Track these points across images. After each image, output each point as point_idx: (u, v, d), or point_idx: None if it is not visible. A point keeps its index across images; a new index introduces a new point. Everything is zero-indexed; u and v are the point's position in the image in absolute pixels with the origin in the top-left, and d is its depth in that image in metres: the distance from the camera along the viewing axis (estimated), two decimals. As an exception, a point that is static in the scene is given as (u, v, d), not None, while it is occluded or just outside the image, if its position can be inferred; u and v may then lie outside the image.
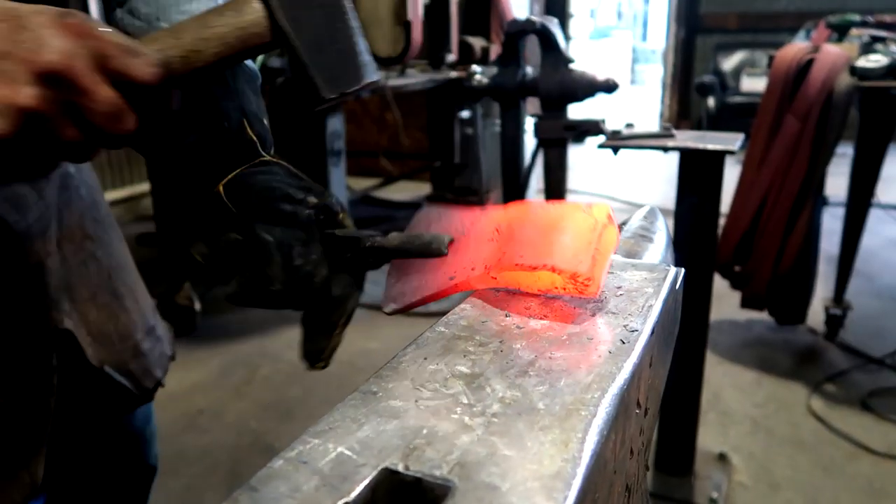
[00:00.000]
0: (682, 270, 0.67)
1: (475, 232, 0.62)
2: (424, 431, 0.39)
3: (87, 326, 0.82)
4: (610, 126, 1.82)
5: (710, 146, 1.64)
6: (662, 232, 0.83)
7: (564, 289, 0.56)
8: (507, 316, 0.55)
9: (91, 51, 0.50)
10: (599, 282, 0.55)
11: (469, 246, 0.61)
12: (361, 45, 0.61)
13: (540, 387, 0.44)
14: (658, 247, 0.78)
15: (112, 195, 4.58)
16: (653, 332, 0.52)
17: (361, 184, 5.09)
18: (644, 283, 0.60)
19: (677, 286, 0.65)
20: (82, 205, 0.83)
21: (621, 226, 0.80)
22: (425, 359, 0.48)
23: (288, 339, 2.94)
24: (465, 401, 0.42)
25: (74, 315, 0.80)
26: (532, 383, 0.44)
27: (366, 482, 0.35)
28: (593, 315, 0.55)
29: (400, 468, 0.35)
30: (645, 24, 14.51)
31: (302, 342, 0.65)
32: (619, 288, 0.60)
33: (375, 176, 5.17)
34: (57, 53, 0.48)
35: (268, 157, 0.67)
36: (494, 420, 0.40)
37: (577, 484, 0.34)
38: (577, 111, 2.88)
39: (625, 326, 0.52)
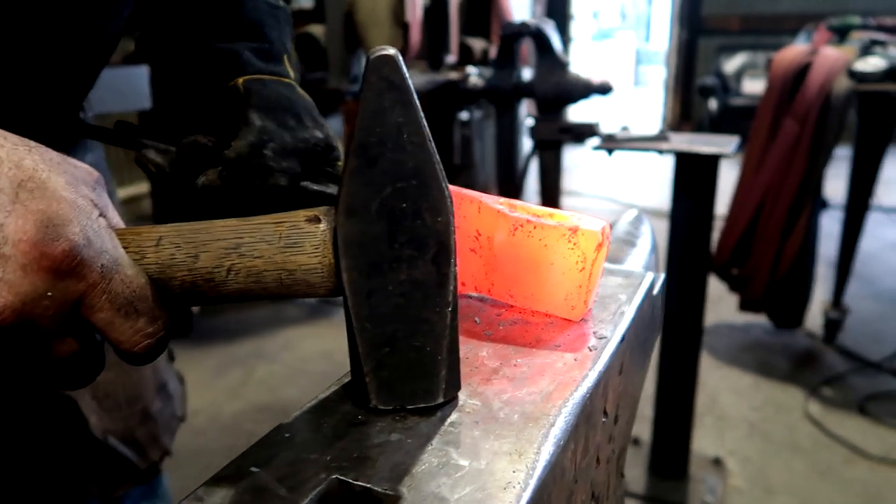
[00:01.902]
0: (662, 276, 0.66)
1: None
2: (378, 440, 0.39)
3: (93, 389, 0.70)
4: (607, 129, 1.81)
5: (703, 150, 1.64)
6: (647, 237, 0.83)
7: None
8: (476, 322, 0.54)
9: (64, 296, 0.36)
10: (586, 308, 0.55)
11: None
12: (447, 349, 0.42)
13: (502, 395, 0.43)
14: (642, 252, 0.78)
15: (112, 195, 4.57)
16: (623, 339, 0.52)
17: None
18: (618, 290, 0.60)
19: (655, 292, 0.64)
20: None
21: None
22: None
23: (284, 341, 2.94)
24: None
25: None
26: (494, 391, 0.44)
27: (315, 491, 0.34)
28: (565, 321, 0.54)
29: (350, 478, 0.35)
30: (648, 26, 14.47)
31: None
32: (592, 294, 0.59)
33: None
34: (7, 300, 0.34)
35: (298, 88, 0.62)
36: (451, 429, 0.40)
37: (527, 494, 0.34)
38: (578, 112, 2.88)
39: (594, 333, 0.52)
